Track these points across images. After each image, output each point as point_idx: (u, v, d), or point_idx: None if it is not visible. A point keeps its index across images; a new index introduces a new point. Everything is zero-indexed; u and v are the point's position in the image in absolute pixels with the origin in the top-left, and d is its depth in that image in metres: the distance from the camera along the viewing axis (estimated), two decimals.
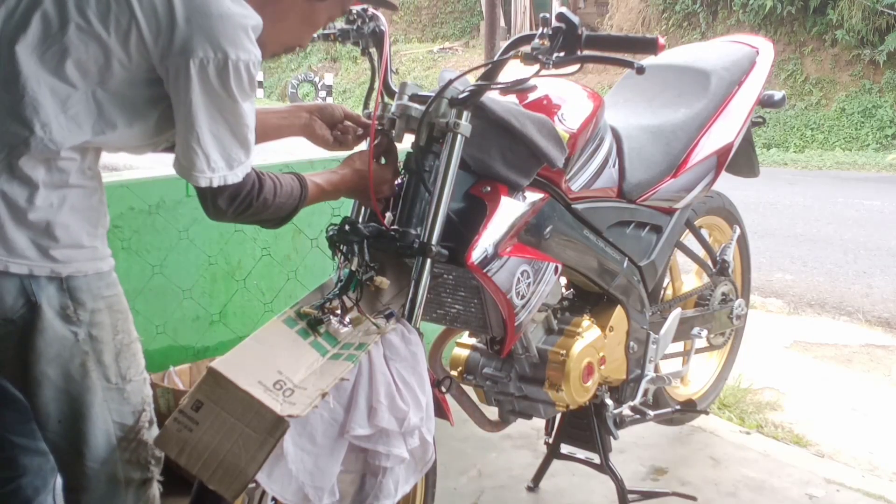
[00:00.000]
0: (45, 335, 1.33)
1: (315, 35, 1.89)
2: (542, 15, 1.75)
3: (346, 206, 2.63)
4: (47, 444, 1.44)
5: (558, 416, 2.33)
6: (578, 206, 2.01)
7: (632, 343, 2.26)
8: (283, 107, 1.78)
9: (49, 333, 1.33)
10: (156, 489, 1.52)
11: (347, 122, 1.77)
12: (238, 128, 1.35)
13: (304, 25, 1.52)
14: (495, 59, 1.83)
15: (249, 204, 1.43)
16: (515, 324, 1.80)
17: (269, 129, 1.72)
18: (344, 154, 1.76)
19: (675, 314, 2.41)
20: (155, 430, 1.50)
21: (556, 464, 2.44)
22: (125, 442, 1.44)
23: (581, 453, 2.35)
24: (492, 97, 1.78)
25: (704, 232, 2.74)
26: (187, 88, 1.29)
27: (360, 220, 1.76)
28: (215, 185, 1.36)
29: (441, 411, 1.72)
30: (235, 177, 1.37)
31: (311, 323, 1.60)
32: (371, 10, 1.81)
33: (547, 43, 1.68)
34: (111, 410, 1.41)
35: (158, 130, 1.39)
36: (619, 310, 2.20)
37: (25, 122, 1.27)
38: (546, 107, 1.91)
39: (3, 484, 1.56)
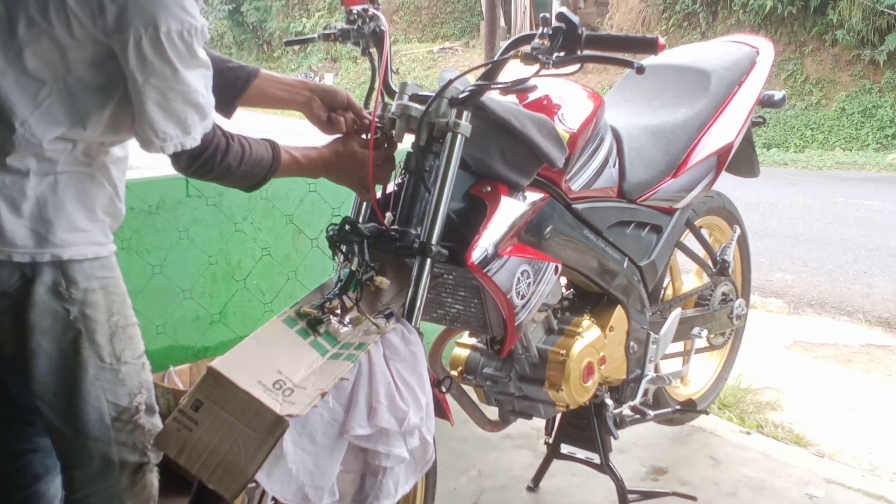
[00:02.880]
0: (37, 309, 1.35)
1: (316, 35, 1.91)
2: (542, 15, 1.75)
3: (346, 206, 2.63)
4: (43, 421, 1.45)
5: (558, 416, 2.33)
6: (578, 206, 2.01)
7: (632, 343, 2.26)
8: (290, 79, 1.79)
9: (41, 307, 1.35)
10: (154, 476, 1.53)
11: (349, 114, 1.76)
12: (188, 95, 1.35)
13: None
14: (495, 59, 1.83)
15: (211, 167, 1.45)
16: (515, 324, 1.80)
17: (269, 98, 1.74)
18: None
19: (675, 314, 2.41)
20: (155, 419, 1.52)
21: (556, 464, 2.44)
22: (119, 423, 1.45)
23: (581, 453, 2.35)
24: (492, 97, 1.78)
25: (704, 232, 2.74)
26: (127, 63, 1.29)
27: (361, 220, 1.76)
28: (169, 152, 1.38)
29: (441, 411, 1.72)
30: (194, 140, 1.38)
31: (311, 323, 1.60)
32: (371, 10, 1.81)
33: (547, 43, 1.68)
34: (105, 390, 1.43)
35: (128, 112, 1.39)
36: (619, 310, 2.20)
37: (6, 122, 1.30)
38: (546, 107, 1.91)
39: (14, 458, 1.57)
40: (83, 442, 1.44)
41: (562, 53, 1.70)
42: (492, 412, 2.20)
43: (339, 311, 1.63)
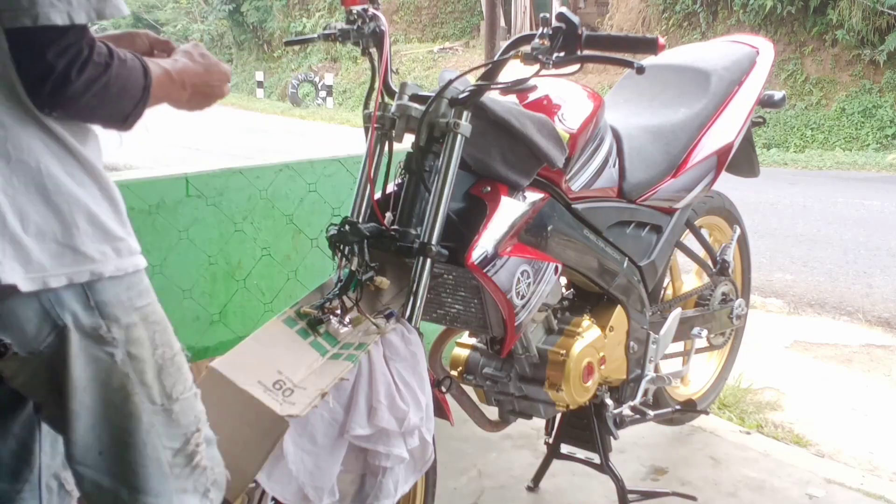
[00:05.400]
0: (77, 362, 1.13)
1: (316, 35, 1.90)
2: (542, 15, 1.75)
3: (346, 206, 2.63)
4: (84, 486, 1.22)
5: (558, 416, 2.33)
6: (578, 206, 2.01)
7: (632, 343, 2.26)
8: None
9: (82, 360, 1.13)
10: None
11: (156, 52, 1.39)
12: None
13: None
14: (495, 59, 1.83)
15: (101, 72, 1.06)
16: (515, 324, 1.80)
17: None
18: (342, 154, 1.72)
19: (676, 314, 2.41)
20: (213, 450, 1.31)
21: (556, 464, 2.44)
22: (178, 469, 1.24)
23: (581, 453, 2.35)
24: (492, 97, 1.78)
25: (704, 232, 2.74)
26: None
27: (360, 220, 1.76)
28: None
29: (441, 411, 1.72)
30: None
31: (311, 323, 1.60)
32: (371, 10, 1.81)
33: (547, 43, 1.68)
34: (160, 436, 1.21)
35: None
36: (619, 310, 2.20)
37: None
38: (546, 107, 1.91)
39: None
40: (142, 500, 1.22)
41: (562, 53, 1.70)
42: (492, 412, 2.20)
43: (339, 312, 1.63)
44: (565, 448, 2.38)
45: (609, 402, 2.24)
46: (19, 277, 1.05)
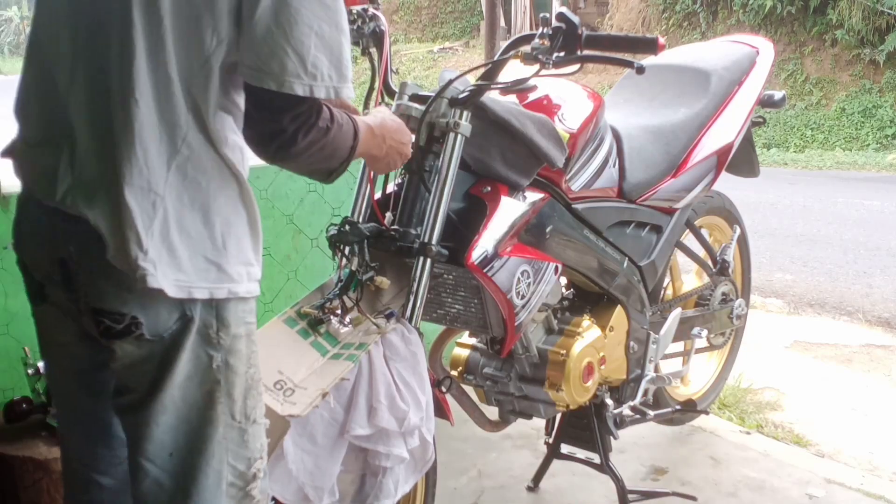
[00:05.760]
0: (185, 355, 1.18)
1: None
2: (542, 15, 1.75)
3: (346, 206, 2.63)
4: (142, 482, 1.24)
5: (558, 416, 2.33)
6: (578, 206, 2.01)
7: (632, 343, 2.26)
8: None
9: (188, 354, 1.18)
10: None
11: None
12: (340, 24, 1.14)
13: None
14: (495, 59, 1.83)
15: (322, 136, 1.18)
16: (515, 324, 1.81)
17: None
18: None
19: (676, 314, 2.41)
20: (265, 486, 1.33)
21: (556, 464, 2.44)
22: (234, 490, 1.26)
23: (581, 453, 2.35)
24: (492, 97, 1.79)
25: (704, 232, 2.74)
26: None
27: (360, 219, 1.76)
28: (320, 95, 1.14)
29: (441, 411, 1.72)
30: (349, 89, 1.16)
31: (312, 323, 1.60)
32: (371, 10, 1.81)
33: (547, 43, 1.69)
34: (229, 451, 1.24)
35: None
36: (619, 310, 2.20)
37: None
38: (546, 107, 1.91)
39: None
40: None
41: (562, 53, 1.70)
42: (492, 412, 2.20)
43: (339, 312, 1.63)
44: (565, 448, 2.38)
45: (609, 402, 2.24)
46: (169, 284, 1.13)
